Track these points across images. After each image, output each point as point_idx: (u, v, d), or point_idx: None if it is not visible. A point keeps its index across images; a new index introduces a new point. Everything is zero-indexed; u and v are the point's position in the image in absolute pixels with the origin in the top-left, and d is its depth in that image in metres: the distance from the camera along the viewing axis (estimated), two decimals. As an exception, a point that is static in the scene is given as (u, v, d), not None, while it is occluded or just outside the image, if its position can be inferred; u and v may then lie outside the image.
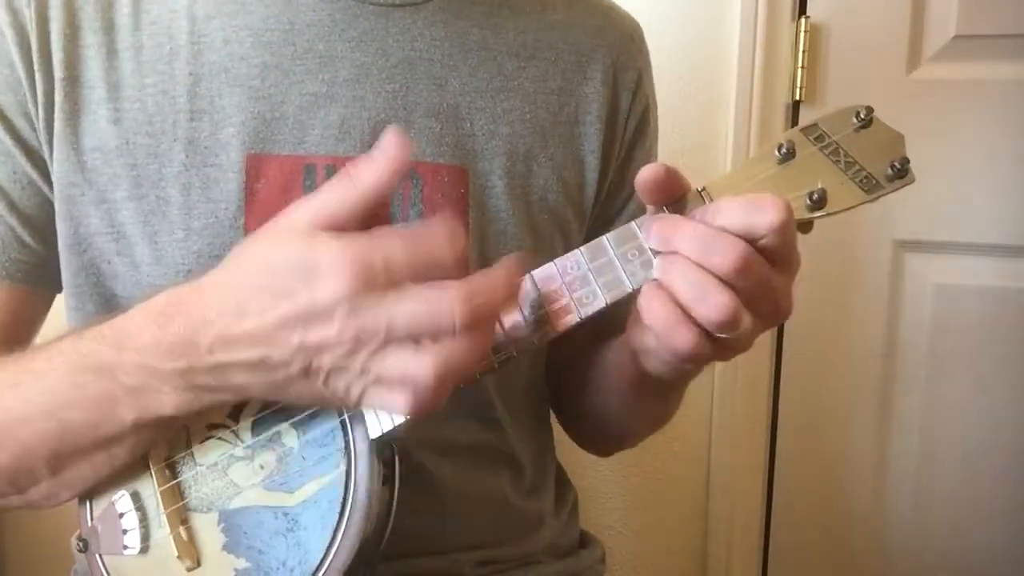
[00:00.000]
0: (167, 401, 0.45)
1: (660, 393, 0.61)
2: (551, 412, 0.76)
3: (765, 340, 1.13)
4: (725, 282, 0.43)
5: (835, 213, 0.48)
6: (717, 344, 0.45)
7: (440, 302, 0.40)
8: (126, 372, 0.46)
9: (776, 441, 1.16)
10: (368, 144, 0.58)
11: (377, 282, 0.40)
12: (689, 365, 0.48)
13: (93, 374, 0.47)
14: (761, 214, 0.44)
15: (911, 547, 1.13)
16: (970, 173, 1.03)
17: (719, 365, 1.12)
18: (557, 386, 0.73)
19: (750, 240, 0.44)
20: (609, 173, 0.67)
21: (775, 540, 1.19)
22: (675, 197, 0.48)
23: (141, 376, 0.45)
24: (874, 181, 0.48)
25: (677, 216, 0.47)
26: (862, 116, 0.50)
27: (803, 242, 0.42)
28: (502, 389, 0.64)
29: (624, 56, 0.67)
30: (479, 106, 0.61)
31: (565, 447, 0.77)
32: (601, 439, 0.76)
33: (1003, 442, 1.08)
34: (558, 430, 0.76)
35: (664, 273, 0.45)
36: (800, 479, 1.16)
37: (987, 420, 1.08)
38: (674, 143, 1.07)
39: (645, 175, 0.46)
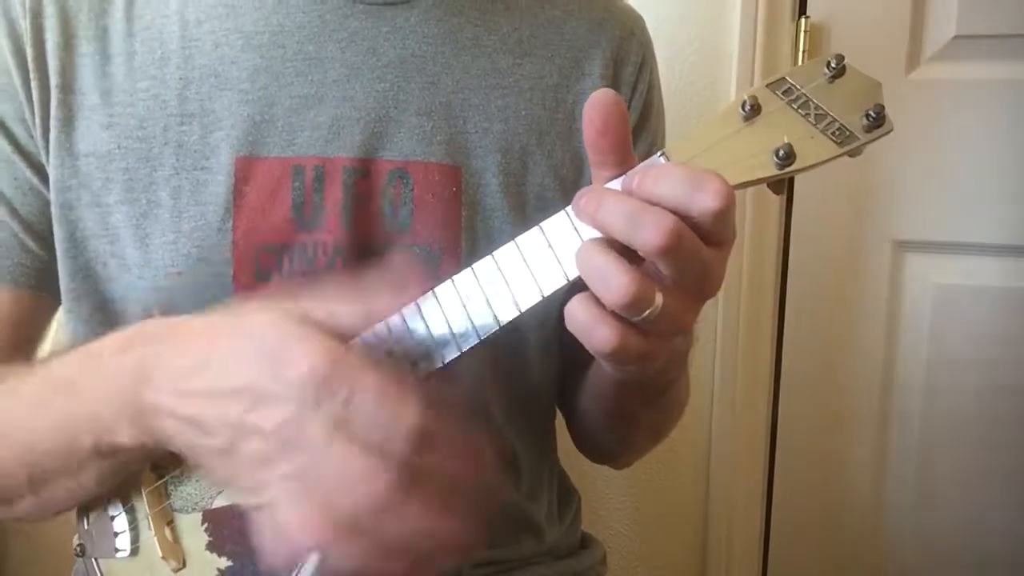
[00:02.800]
0: (121, 431, 0.46)
1: (645, 401, 0.60)
2: (554, 422, 0.75)
3: (765, 341, 1.13)
4: (654, 258, 0.40)
5: (807, 168, 0.44)
6: (646, 334, 0.42)
7: (352, 491, 0.38)
8: (87, 392, 0.47)
9: (776, 441, 1.16)
10: (358, 144, 0.58)
11: (332, 405, 0.39)
12: (632, 365, 0.44)
13: (61, 394, 0.48)
14: (700, 195, 0.40)
15: (911, 547, 1.13)
16: (970, 173, 1.03)
17: (719, 365, 1.12)
18: (561, 403, 0.73)
19: (683, 216, 0.40)
20: None
21: (775, 540, 1.19)
22: (619, 144, 0.44)
23: (98, 398, 0.46)
24: (847, 132, 0.44)
25: (603, 188, 0.43)
26: (833, 65, 0.46)
27: (804, 241, 0.41)
28: (500, 389, 0.64)
29: (624, 50, 0.66)
30: (473, 103, 0.61)
31: (566, 449, 0.77)
32: (604, 452, 0.76)
33: (1003, 442, 1.07)
34: (563, 438, 0.76)
35: (577, 260, 0.42)
36: (800, 479, 1.16)
37: (987, 420, 1.07)
38: (674, 143, 1.07)
39: (598, 95, 0.42)
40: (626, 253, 0.41)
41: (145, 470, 0.52)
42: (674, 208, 0.40)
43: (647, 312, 0.40)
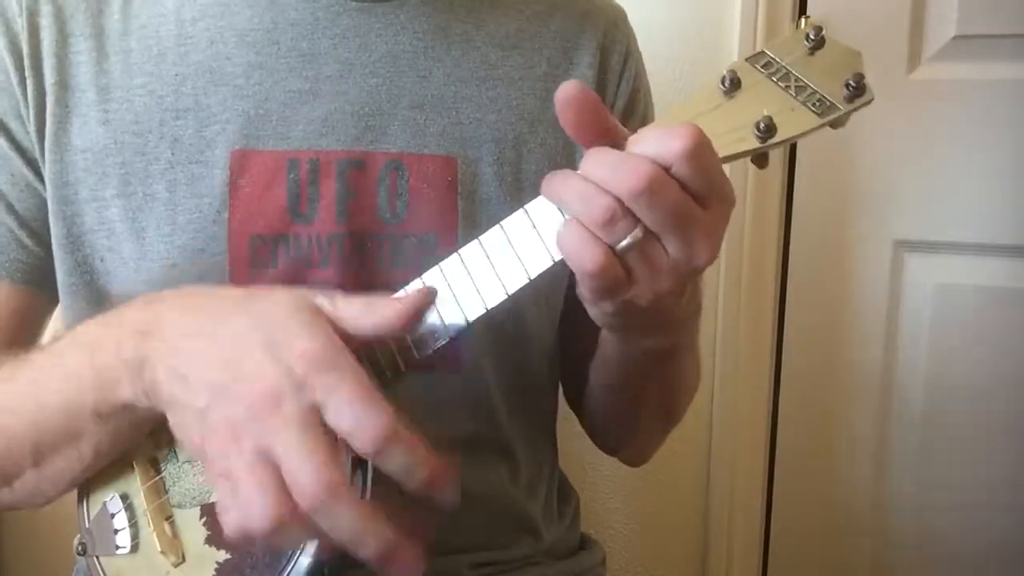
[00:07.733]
0: (122, 386, 0.46)
1: (648, 370, 0.61)
2: (555, 421, 0.75)
3: (765, 340, 1.13)
4: (632, 203, 0.41)
5: (789, 140, 0.45)
6: (628, 268, 0.43)
7: (313, 471, 0.38)
8: (101, 346, 0.47)
9: (776, 441, 1.16)
10: (352, 137, 0.59)
11: (313, 391, 0.40)
12: (614, 296, 0.45)
13: (76, 347, 0.49)
14: (670, 141, 0.41)
15: (911, 547, 1.13)
16: (970, 173, 1.03)
17: (719, 365, 1.12)
18: (569, 388, 0.74)
19: (664, 167, 0.41)
20: None
21: (775, 540, 1.19)
22: (601, 130, 0.44)
23: (110, 352, 0.47)
24: (828, 103, 0.45)
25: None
26: (812, 37, 0.46)
27: (804, 240, 0.40)
28: (501, 381, 0.65)
29: (609, 40, 0.68)
30: (465, 95, 0.62)
31: (565, 449, 0.77)
32: (615, 437, 0.76)
33: (1003, 442, 1.07)
34: (562, 438, 0.76)
35: (552, 187, 0.44)
36: (800, 479, 1.16)
37: (987, 420, 1.07)
38: (674, 143, 1.07)
39: (563, 89, 0.43)
40: None
41: (145, 465, 0.53)
42: (653, 159, 0.42)
43: (628, 238, 0.42)
